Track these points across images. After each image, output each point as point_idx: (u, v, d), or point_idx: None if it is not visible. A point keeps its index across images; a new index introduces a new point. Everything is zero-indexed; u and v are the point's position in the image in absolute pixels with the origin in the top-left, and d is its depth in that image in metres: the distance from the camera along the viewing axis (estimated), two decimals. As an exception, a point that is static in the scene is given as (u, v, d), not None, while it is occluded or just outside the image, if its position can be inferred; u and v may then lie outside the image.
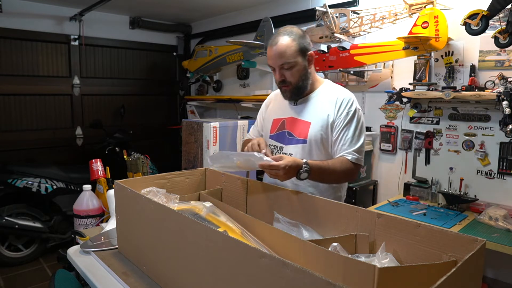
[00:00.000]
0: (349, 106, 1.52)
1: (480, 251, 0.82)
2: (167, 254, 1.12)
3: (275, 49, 1.48)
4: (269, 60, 1.53)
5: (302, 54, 1.50)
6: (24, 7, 3.66)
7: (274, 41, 1.49)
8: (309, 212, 1.25)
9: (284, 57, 1.47)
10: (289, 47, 1.47)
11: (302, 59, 1.51)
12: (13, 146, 3.73)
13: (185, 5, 3.84)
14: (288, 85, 1.53)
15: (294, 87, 1.54)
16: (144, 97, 4.67)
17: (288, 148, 1.58)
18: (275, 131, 1.64)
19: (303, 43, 1.50)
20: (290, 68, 1.49)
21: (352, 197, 2.74)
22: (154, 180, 1.48)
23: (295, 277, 0.70)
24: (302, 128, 1.56)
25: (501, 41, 2.12)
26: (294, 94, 1.57)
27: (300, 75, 1.52)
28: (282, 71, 1.51)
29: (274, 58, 1.49)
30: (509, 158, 2.28)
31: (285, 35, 1.48)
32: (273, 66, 1.53)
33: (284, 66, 1.49)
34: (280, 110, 1.65)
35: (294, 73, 1.50)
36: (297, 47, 1.48)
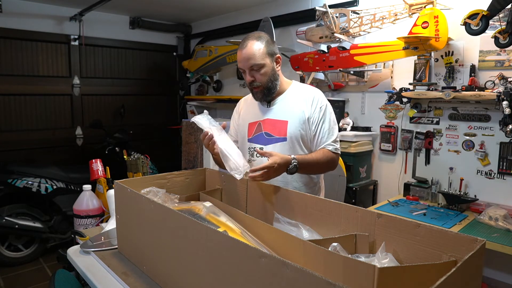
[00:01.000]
0: (321, 102, 1.64)
1: (480, 251, 0.82)
2: (167, 254, 1.12)
3: (245, 52, 1.56)
4: (240, 63, 1.60)
5: (270, 56, 1.59)
6: (24, 7, 3.66)
7: (243, 44, 1.58)
8: (309, 212, 1.25)
9: (253, 59, 1.55)
10: (258, 49, 1.55)
11: (270, 61, 1.59)
12: (13, 146, 3.73)
13: (185, 5, 3.84)
14: (258, 86, 1.61)
15: (265, 88, 1.61)
16: (144, 97, 4.67)
17: (268, 147, 1.63)
18: (253, 134, 1.69)
19: (271, 47, 1.60)
20: (259, 69, 1.57)
21: (352, 197, 2.74)
22: (154, 180, 1.48)
23: (295, 277, 0.70)
24: (280, 127, 1.63)
25: (501, 41, 2.12)
26: (265, 95, 1.64)
27: (269, 76, 1.60)
28: (252, 72, 1.58)
29: (244, 60, 1.57)
30: (509, 158, 2.28)
31: (253, 39, 1.57)
32: (243, 68, 1.60)
33: (253, 68, 1.57)
34: (254, 114, 1.71)
35: (263, 74, 1.58)
36: (265, 50, 1.57)
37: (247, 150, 1.71)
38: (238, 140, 1.79)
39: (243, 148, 1.73)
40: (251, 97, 1.74)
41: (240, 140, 1.77)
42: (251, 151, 1.69)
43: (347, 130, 2.91)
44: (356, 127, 3.00)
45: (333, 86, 3.12)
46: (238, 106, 1.86)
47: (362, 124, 3.02)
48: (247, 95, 1.84)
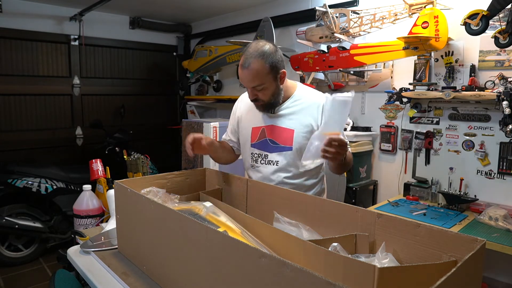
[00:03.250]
0: None
1: (480, 251, 0.82)
2: (167, 254, 1.12)
3: (247, 72, 1.46)
4: (241, 80, 1.54)
5: (273, 74, 1.49)
6: (24, 7, 3.66)
7: (246, 62, 1.46)
8: (309, 212, 1.25)
9: (256, 80, 1.47)
10: (261, 70, 1.45)
11: (274, 79, 1.50)
12: (13, 146, 3.73)
13: (185, 5, 3.84)
14: (260, 102, 1.55)
15: (266, 104, 1.56)
16: (144, 97, 4.67)
17: (273, 155, 1.61)
18: (256, 139, 1.65)
19: (275, 63, 1.48)
20: (262, 89, 1.50)
21: (352, 197, 2.74)
22: (154, 180, 1.48)
23: (295, 277, 0.70)
24: (286, 136, 1.59)
25: (501, 41, 2.12)
26: (267, 109, 1.59)
27: (272, 94, 1.53)
28: (253, 91, 1.52)
29: (246, 81, 1.50)
30: (509, 158, 2.28)
31: (257, 58, 1.45)
32: (245, 86, 1.54)
33: (256, 88, 1.50)
34: (257, 119, 1.66)
35: (265, 92, 1.51)
36: (268, 69, 1.46)
37: (249, 155, 1.68)
38: (240, 142, 1.76)
39: (245, 152, 1.71)
40: None
41: (242, 142, 1.73)
42: (254, 156, 1.66)
43: (347, 130, 2.91)
44: (356, 127, 3.00)
45: (333, 86, 3.12)
46: (237, 105, 1.81)
47: (362, 124, 3.02)
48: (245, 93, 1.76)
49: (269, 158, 1.62)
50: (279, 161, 1.60)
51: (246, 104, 1.73)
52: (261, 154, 1.64)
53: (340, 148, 1.26)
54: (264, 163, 1.63)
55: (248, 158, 1.70)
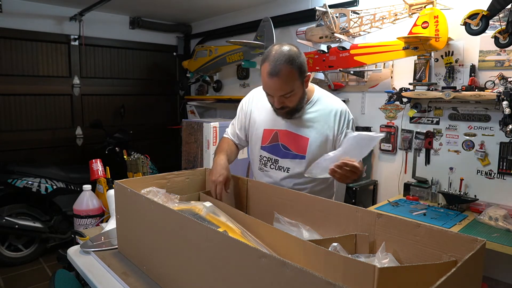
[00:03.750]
0: (347, 118, 1.55)
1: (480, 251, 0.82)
2: (167, 254, 1.12)
3: (277, 80, 1.36)
4: (268, 89, 1.42)
5: (301, 79, 1.42)
6: (24, 7, 3.66)
7: (274, 69, 1.34)
8: (309, 212, 1.25)
9: (287, 88, 1.39)
10: (291, 76, 1.37)
11: (301, 84, 1.43)
12: (13, 146, 3.73)
13: (185, 5, 3.84)
14: (285, 109, 1.47)
15: (292, 110, 1.49)
16: (144, 97, 4.67)
17: (284, 161, 1.56)
18: (268, 142, 1.60)
19: (302, 66, 1.40)
20: (289, 96, 1.42)
21: (352, 197, 2.74)
22: (154, 180, 1.48)
23: (295, 277, 0.70)
24: (300, 143, 1.53)
25: (501, 41, 2.12)
26: (289, 115, 1.52)
27: (299, 100, 1.47)
28: (281, 99, 1.42)
29: (275, 89, 1.39)
30: (509, 158, 2.28)
31: (285, 63, 1.34)
32: (271, 95, 1.44)
33: (285, 95, 1.41)
34: (272, 121, 1.59)
35: (293, 99, 1.44)
36: (298, 75, 1.39)
37: (258, 157, 1.63)
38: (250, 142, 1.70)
39: (253, 153, 1.66)
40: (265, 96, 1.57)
41: (252, 143, 1.67)
42: (263, 160, 1.61)
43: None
44: (356, 127, 3.00)
45: (333, 86, 3.11)
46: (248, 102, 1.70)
47: (362, 124, 3.02)
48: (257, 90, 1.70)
49: (279, 163, 1.57)
50: (290, 168, 1.55)
51: (259, 103, 1.65)
52: (271, 158, 1.59)
53: (350, 173, 1.25)
54: (274, 168, 1.58)
55: (256, 160, 1.65)
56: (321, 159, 1.29)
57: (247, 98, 1.73)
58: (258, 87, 1.71)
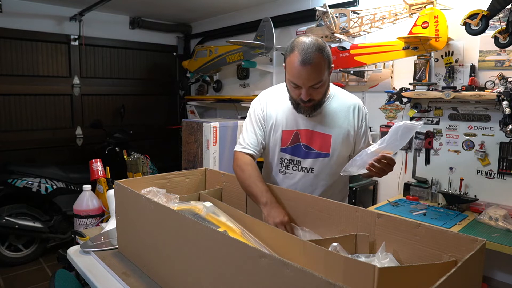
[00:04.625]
0: (363, 114, 1.56)
1: (480, 251, 0.82)
2: (167, 254, 1.12)
3: (310, 69, 1.30)
4: (298, 79, 1.34)
5: (329, 69, 1.38)
6: (24, 7, 3.66)
7: (306, 57, 1.29)
8: (309, 212, 1.25)
9: (318, 77, 1.33)
10: (322, 65, 1.32)
11: (328, 74, 1.39)
12: (13, 146, 3.73)
13: (185, 5, 3.84)
14: (311, 102, 1.41)
15: (316, 104, 1.43)
16: (144, 97, 4.67)
17: (307, 161, 1.52)
18: (288, 144, 1.53)
19: (330, 56, 1.37)
20: (318, 87, 1.36)
21: (352, 197, 2.74)
22: (154, 180, 1.48)
23: (295, 277, 0.70)
24: (323, 141, 1.50)
25: (501, 41, 2.12)
26: (314, 110, 1.46)
27: (325, 91, 1.42)
28: (310, 90, 1.36)
29: (307, 78, 1.32)
30: (509, 158, 2.28)
31: (317, 52, 1.30)
32: (301, 85, 1.35)
33: (314, 86, 1.35)
34: (289, 121, 1.53)
35: (321, 90, 1.39)
36: (328, 64, 1.35)
37: (278, 160, 1.56)
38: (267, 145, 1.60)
39: (273, 156, 1.58)
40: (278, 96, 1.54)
41: (272, 146, 1.58)
42: (285, 162, 1.55)
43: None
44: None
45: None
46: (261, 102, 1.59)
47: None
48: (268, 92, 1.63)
49: (302, 164, 1.53)
50: (314, 168, 1.51)
51: (273, 104, 1.58)
52: (293, 160, 1.54)
53: (387, 166, 1.25)
54: (297, 169, 1.54)
55: (276, 163, 1.58)
56: (362, 155, 1.28)
57: (261, 102, 1.61)
58: (265, 90, 1.66)
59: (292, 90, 1.41)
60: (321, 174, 1.53)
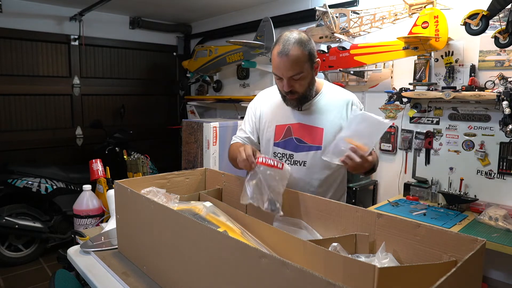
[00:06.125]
0: (358, 108, 1.57)
1: (480, 251, 0.82)
2: (167, 254, 1.12)
3: (286, 59, 1.38)
4: (277, 70, 1.43)
5: (311, 62, 1.44)
6: (24, 7, 3.66)
7: (284, 49, 1.39)
8: (309, 212, 1.25)
9: (296, 68, 1.40)
10: (301, 57, 1.39)
11: (311, 67, 1.45)
12: (13, 146, 3.73)
13: (185, 5, 3.84)
14: (294, 94, 1.47)
15: (301, 96, 1.49)
16: (144, 97, 4.67)
17: (299, 155, 1.54)
18: (281, 138, 1.57)
19: (312, 51, 1.44)
20: (300, 78, 1.43)
21: (352, 197, 2.74)
22: (154, 180, 1.48)
23: (295, 277, 0.70)
24: (315, 134, 1.52)
25: (501, 41, 2.12)
26: (300, 103, 1.52)
27: (308, 84, 1.47)
28: (291, 81, 1.43)
29: (285, 69, 1.40)
30: (509, 158, 2.28)
31: (296, 45, 1.39)
32: (281, 76, 1.43)
33: (294, 77, 1.42)
34: (282, 116, 1.58)
35: (303, 82, 1.45)
36: (307, 57, 1.42)
37: (272, 154, 1.60)
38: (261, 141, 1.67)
39: (267, 151, 1.62)
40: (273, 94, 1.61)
41: (264, 141, 1.64)
42: (278, 156, 1.57)
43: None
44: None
45: (333, 86, 3.11)
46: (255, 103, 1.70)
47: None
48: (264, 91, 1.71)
49: (294, 158, 1.54)
50: (307, 162, 1.53)
51: (267, 102, 1.65)
52: (285, 153, 1.56)
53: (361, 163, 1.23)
54: (290, 163, 1.55)
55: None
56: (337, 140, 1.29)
57: (255, 100, 1.72)
58: (264, 89, 1.73)
59: (277, 82, 1.50)
60: (314, 167, 1.53)
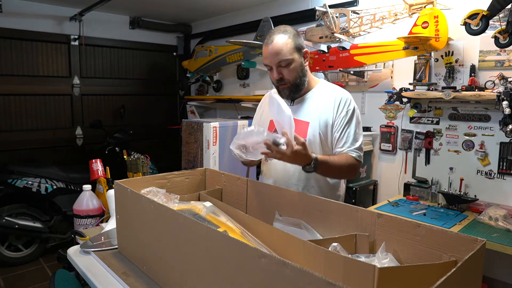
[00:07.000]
0: (348, 105, 1.56)
1: (480, 251, 0.82)
2: (167, 254, 1.12)
3: (271, 47, 1.49)
4: (266, 59, 1.53)
5: (298, 51, 1.52)
6: (24, 7, 3.66)
7: (269, 39, 1.50)
8: (309, 212, 1.25)
9: (281, 55, 1.48)
10: (286, 44, 1.48)
11: (299, 56, 1.52)
12: (13, 146, 3.73)
13: (185, 5, 3.84)
14: (286, 83, 1.54)
15: (292, 85, 1.55)
16: (144, 97, 4.67)
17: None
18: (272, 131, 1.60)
19: (298, 41, 1.52)
20: (287, 65, 1.50)
21: (352, 197, 2.74)
22: (154, 180, 1.48)
23: (295, 277, 0.70)
24: (301, 128, 1.56)
25: (501, 41, 2.12)
26: (292, 92, 1.57)
27: (298, 72, 1.53)
28: (279, 69, 1.51)
29: (271, 56, 1.50)
30: (509, 158, 2.28)
31: (280, 34, 1.50)
32: (270, 64, 1.53)
33: (281, 64, 1.50)
34: None
35: (291, 70, 1.51)
36: (293, 44, 1.49)
37: None
38: None
39: None
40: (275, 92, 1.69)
41: None
42: None
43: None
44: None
45: (333, 86, 3.11)
46: (263, 100, 1.80)
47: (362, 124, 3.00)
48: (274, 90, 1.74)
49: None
50: None
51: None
52: None
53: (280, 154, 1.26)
54: None
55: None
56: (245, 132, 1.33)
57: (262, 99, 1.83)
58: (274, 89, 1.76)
59: (270, 74, 1.58)
60: None
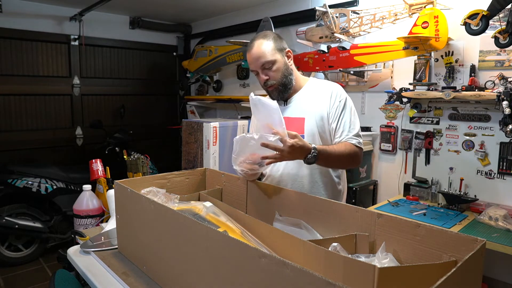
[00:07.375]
0: (340, 96, 1.60)
1: (480, 251, 0.82)
2: (167, 254, 1.12)
3: (253, 52, 1.55)
4: (251, 65, 1.59)
5: (280, 51, 1.56)
6: (24, 7, 3.66)
7: (250, 46, 1.57)
8: (309, 212, 1.25)
9: (263, 57, 1.53)
10: (266, 47, 1.54)
11: (281, 56, 1.56)
12: (13, 146, 3.73)
13: (185, 5, 3.84)
14: (272, 84, 1.58)
15: (279, 85, 1.58)
16: (144, 97, 4.67)
17: None
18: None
19: (279, 42, 1.57)
20: (271, 66, 1.55)
21: (352, 197, 2.74)
22: (154, 180, 1.48)
23: (295, 277, 0.70)
24: (297, 124, 1.58)
25: (501, 41, 2.12)
26: (281, 92, 1.60)
27: (282, 72, 1.57)
28: (264, 71, 1.56)
29: (254, 60, 1.55)
30: (509, 158, 2.28)
31: (260, 39, 1.56)
32: (255, 69, 1.58)
33: (265, 66, 1.55)
34: None
35: (276, 70, 1.55)
36: (273, 46, 1.54)
37: None
38: None
39: None
40: None
41: None
42: None
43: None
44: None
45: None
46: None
47: (362, 124, 2.99)
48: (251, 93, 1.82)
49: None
50: None
51: None
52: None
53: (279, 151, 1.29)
54: None
55: None
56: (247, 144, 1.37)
57: None
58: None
59: (258, 79, 1.63)
60: None
